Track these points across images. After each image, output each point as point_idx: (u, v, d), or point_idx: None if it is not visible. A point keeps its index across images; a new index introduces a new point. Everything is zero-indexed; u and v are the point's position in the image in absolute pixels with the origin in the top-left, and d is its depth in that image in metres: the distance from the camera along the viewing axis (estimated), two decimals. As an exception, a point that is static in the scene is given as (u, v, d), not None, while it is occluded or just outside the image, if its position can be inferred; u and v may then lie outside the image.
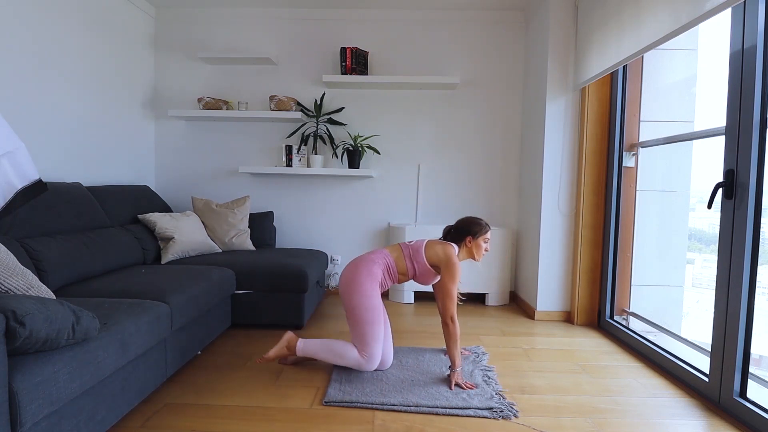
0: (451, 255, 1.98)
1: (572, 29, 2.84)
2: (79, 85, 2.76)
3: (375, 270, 1.98)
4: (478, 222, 2.08)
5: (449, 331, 1.92)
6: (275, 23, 3.48)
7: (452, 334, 1.92)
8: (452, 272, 1.95)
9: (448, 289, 1.94)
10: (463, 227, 2.08)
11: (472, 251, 2.06)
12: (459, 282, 1.97)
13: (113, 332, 1.43)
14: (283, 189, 3.58)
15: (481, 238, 2.06)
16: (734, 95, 1.71)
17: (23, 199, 1.42)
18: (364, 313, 1.93)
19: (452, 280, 1.95)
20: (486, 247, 2.08)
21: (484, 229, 2.06)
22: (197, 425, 1.59)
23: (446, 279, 1.96)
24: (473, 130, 3.50)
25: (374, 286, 1.97)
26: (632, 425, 1.64)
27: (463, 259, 2.08)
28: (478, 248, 2.06)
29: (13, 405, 1.06)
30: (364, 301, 1.93)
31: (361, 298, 1.93)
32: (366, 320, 1.93)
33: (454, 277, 1.95)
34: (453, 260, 1.97)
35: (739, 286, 1.68)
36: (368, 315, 1.93)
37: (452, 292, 1.94)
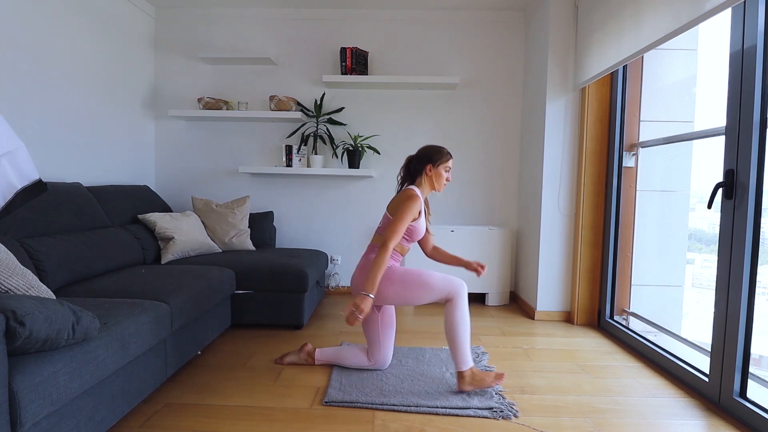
0: (408, 192, 1.88)
1: (572, 29, 2.84)
2: (79, 85, 2.76)
3: None
4: (439, 149, 1.98)
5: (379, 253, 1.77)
6: (275, 23, 3.48)
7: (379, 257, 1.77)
8: (404, 205, 1.83)
9: (393, 220, 1.82)
10: (423, 155, 1.98)
11: (433, 181, 1.97)
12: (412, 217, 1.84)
13: (113, 332, 1.43)
14: (283, 189, 3.58)
15: (442, 166, 1.96)
16: (734, 95, 1.71)
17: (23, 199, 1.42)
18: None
19: (399, 212, 1.82)
20: (447, 177, 1.98)
21: (445, 157, 1.96)
22: (197, 425, 1.59)
23: (396, 212, 1.85)
24: (473, 130, 3.50)
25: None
26: (632, 425, 1.64)
27: (427, 192, 2.00)
28: (438, 177, 1.96)
29: (13, 405, 1.06)
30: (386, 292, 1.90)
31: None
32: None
33: (403, 208, 1.82)
34: (409, 194, 1.87)
35: (739, 286, 1.68)
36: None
37: (395, 223, 1.81)
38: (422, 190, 1.98)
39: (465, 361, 1.83)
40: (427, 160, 1.97)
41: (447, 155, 1.98)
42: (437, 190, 2.01)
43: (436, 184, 1.98)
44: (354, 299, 1.74)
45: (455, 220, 3.54)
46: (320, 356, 2.11)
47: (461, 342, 1.83)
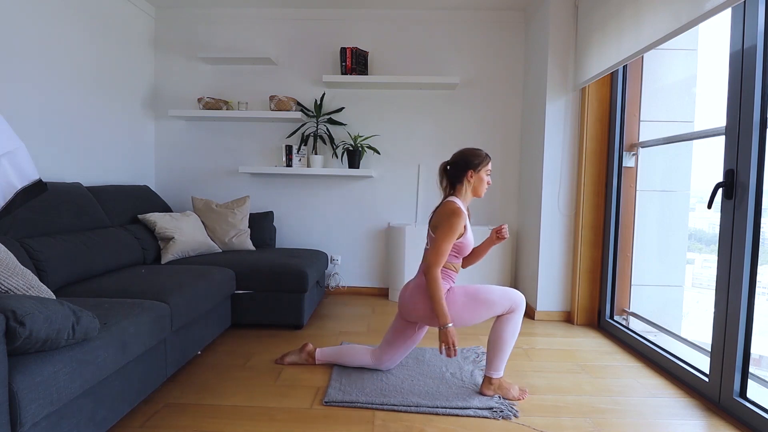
0: (451, 207, 1.76)
1: (572, 29, 2.84)
2: (79, 85, 2.76)
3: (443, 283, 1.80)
4: (476, 153, 1.84)
5: (428, 279, 1.71)
6: (275, 23, 3.48)
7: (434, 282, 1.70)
8: (447, 223, 1.72)
9: (437, 242, 1.73)
10: (461, 161, 1.84)
11: (476, 188, 1.85)
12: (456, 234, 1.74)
13: (113, 332, 1.43)
14: (283, 189, 3.58)
15: (483, 170, 1.84)
16: (734, 95, 1.71)
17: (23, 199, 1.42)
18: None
19: (443, 230, 1.73)
20: (488, 180, 1.86)
21: (485, 160, 1.84)
22: (197, 425, 1.59)
23: (439, 229, 1.75)
24: (473, 130, 3.50)
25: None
26: (632, 425, 1.64)
27: (468, 200, 1.87)
28: (480, 182, 1.84)
29: (13, 405, 1.06)
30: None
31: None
32: None
33: (446, 227, 1.72)
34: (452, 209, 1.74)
35: (739, 286, 1.68)
36: None
37: (439, 244, 1.72)
38: (464, 199, 1.85)
39: (500, 369, 1.82)
40: (465, 165, 1.83)
41: (486, 157, 1.85)
42: (480, 196, 1.88)
43: (479, 190, 1.86)
44: (440, 337, 1.71)
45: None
46: (321, 356, 2.11)
47: (506, 351, 1.81)
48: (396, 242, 3.36)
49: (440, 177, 1.92)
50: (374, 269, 3.60)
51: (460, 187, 1.85)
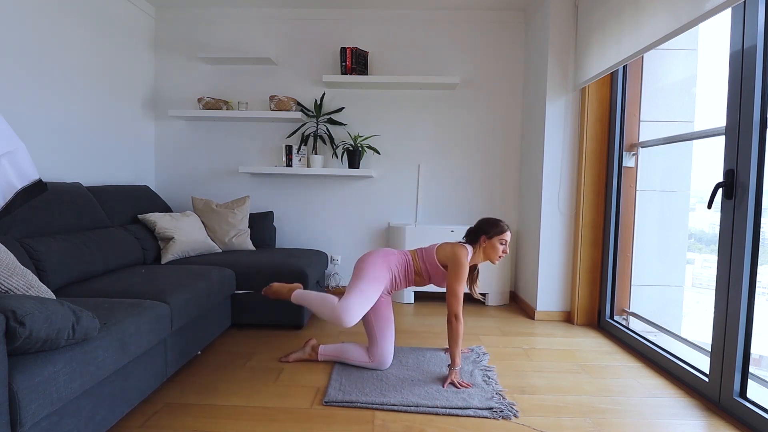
0: (459, 253, 1.98)
1: (572, 29, 2.84)
2: (79, 85, 2.76)
3: (391, 258, 2.08)
4: (495, 222, 2.06)
5: (452, 328, 1.94)
6: (275, 23, 3.48)
7: (454, 332, 1.93)
8: (456, 270, 1.96)
9: (452, 287, 1.95)
10: (479, 226, 2.08)
11: (488, 253, 2.05)
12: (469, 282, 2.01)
13: (113, 332, 1.43)
14: (283, 189, 3.58)
15: (497, 239, 2.03)
16: (734, 95, 1.71)
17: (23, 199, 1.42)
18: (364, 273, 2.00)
19: (456, 278, 1.95)
20: (504, 249, 2.05)
21: (500, 230, 2.03)
22: (197, 425, 1.59)
23: (450, 277, 1.98)
24: (473, 129, 3.50)
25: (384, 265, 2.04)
26: (632, 425, 1.64)
27: (480, 261, 2.09)
28: (493, 249, 2.03)
29: (13, 405, 1.06)
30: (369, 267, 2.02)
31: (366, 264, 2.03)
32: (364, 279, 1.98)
33: (458, 275, 1.95)
34: (459, 258, 1.97)
35: (739, 286, 1.68)
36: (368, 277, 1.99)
37: (456, 291, 1.94)
38: (475, 255, 2.07)
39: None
40: (481, 232, 2.06)
41: (503, 228, 2.04)
42: (492, 262, 2.09)
43: (491, 256, 2.05)
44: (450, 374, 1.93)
45: (455, 220, 3.54)
46: (323, 351, 2.14)
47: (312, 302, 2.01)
48: (396, 242, 3.36)
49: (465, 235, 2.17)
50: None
51: (476, 247, 2.08)
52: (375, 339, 2.06)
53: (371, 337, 2.07)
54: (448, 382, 1.90)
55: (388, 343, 2.06)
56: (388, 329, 2.07)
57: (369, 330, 2.08)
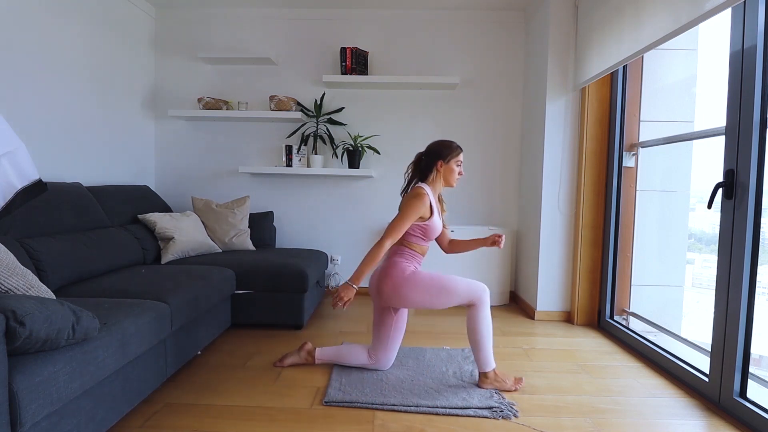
0: (416, 191, 1.88)
1: (572, 29, 2.84)
2: (79, 84, 2.76)
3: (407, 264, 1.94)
4: (447, 144, 1.96)
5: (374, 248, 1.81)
6: (275, 23, 3.48)
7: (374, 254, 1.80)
8: (408, 203, 1.84)
9: (395, 219, 1.84)
10: (432, 151, 1.96)
11: (446, 177, 1.95)
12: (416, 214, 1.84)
13: (113, 332, 1.43)
14: (283, 189, 3.58)
15: (453, 161, 1.94)
16: (734, 95, 1.71)
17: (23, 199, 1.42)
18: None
19: (402, 211, 1.84)
20: (459, 171, 1.96)
21: (455, 151, 1.95)
22: (197, 425, 1.59)
23: (400, 209, 1.87)
24: (473, 130, 3.50)
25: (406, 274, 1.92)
26: (632, 425, 1.64)
27: (440, 188, 1.99)
28: (450, 172, 1.94)
29: (13, 405, 1.06)
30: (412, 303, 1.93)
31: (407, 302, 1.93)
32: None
33: (406, 207, 1.83)
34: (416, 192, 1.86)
35: (739, 286, 1.68)
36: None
37: (396, 223, 1.82)
38: (434, 187, 1.96)
39: (487, 363, 1.90)
40: (436, 156, 1.95)
41: (457, 149, 1.96)
42: (451, 185, 1.99)
43: (450, 179, 1.96)
44: (339, 289, 1.79)
45: (455, 220, 3.54)
46: (320, 355, 2.11)
47: (484, 345, 1.89)
48: (396, 242, 3.35)
49: (411, 165, 2.03)
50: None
51: (431, 175, 1.96)
52: (385, 343, 2.01)
53: (382, 341, 2.02)
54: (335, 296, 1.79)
55: (396, 348, 2.05)
56: (401, 334, 2.05)
57: (383, 334, 2.01)
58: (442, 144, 1.97)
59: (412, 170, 2.03)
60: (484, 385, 1.90)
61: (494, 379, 1.90)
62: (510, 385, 1.89)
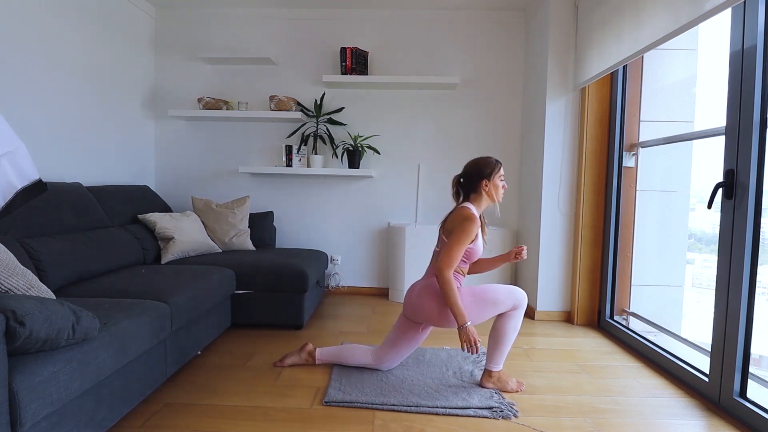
0: (464, 213, 1.80)
1: (572, 29, 2.84)
2: (79, 85, 2.76)
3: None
4: (486, 161, 1.88)
5: (443, 280, 1.73)
6: (275, 23, 3.48)
7: (447, 283, 1.72)
8: (461, 227, 1.76)
9: (449, 245, 1.76)
10: (474, 173, 1.87)
11: (492, 194, 1.87)
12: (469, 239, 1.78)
13: (113, 332, 1.43)
14: (283, 189, 3.58)
15: (497, 177, 1.87)
16: (734, 95, 1.71)
17: (23, 199, 1.42)
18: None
19: (456, 236, 1.75)
20: (503, 185, 1.90)
21: (496, 167, 1.87)
22: (197, 425, 1.59)
23: (452, 234, 1.78)
24: (473, 130, 3.50)
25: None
26: (632, 425, 1.64)
27: (485, 207, 1.91)
28: (496, 189, 1.87)
29: (13, 405, 1.06)
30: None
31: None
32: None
33: (460, 231, 1.75)
34: (465, 215, 1.78)
35: (739, 286, 1.68)
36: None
37: (451, 247, 1.74)
38: (478, 206, 1.88)
39: (500, 363, 1.90)
40: (479, 176, 1.86)
41: (497, 164, 1.89)
42: (498, 201, 1.91)
43: (495, 197, 1.88)
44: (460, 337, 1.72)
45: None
46: (321, 355, 2.11)
47: (507, 345, 1.89)
48: (396, 242, 3.36)
49: (454, 188, 1.95)
50: (374, 269, 3.60)
51: (475, 196, 1.89)
52: (397, 351, 1.99)
53: (395, 348, 1.99)
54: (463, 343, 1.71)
55: (403, 358, 2.05)
56: (414, 349, 2.06)
57: (399, 342, 1.98)
58: (482, 162, 1.89)
59: (455, 191, 1.95)
60: (486, 383, 1.89)
61: (498, 378, 1.89)
62: (512, 386, 1.88)
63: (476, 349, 1.71)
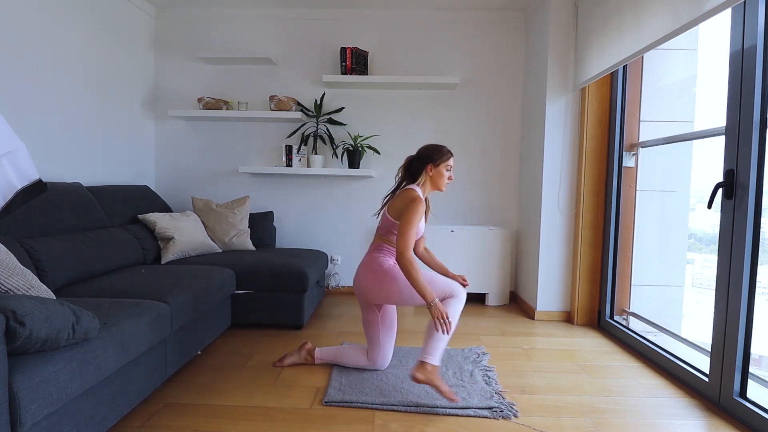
0: (411, 194, 1.85)
1: (572, 29, 2.84)
2: (79, 85, 2.76)
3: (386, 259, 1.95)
4: (438, 148, 1.95)
5: (405, 261, 1.73)
6: (275, 23, 3.48)
7: (409, 264, 1.73)
8: (410, 208, 1.79)
9: (402, 227, 1.77)
10: (423, 155, 1.95)
11: (436, 181, 1.94)
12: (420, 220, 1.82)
13: (113, 332, 1.43)
14: (283, 189, 3.58)
15: (443, 165, 1.93)
16: (734, 95, 1.71)
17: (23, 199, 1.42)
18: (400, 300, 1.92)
19: (408, 217, 1.78)
20: (449, 176, 1.96)
21: (445, 156, 1.94)
22: (197, 425, 1.59)
23: (403, 216, 1.80)
24: (473, 130, 3.50)
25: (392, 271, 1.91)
26: (632, 425, 1.64)
27: (429, 191, 1.97)
28: (440, 176, 1.93)
29: (13, 405, 1.06)
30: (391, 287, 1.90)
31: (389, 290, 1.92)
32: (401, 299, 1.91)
33: (411, 213, 1.78)
34: (412, 195, 1.83)
35: (739, 286, 1.68)
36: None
37: (405, 230, 1.76)
38: (423, 189, 1.95)
39: (434, 355, 1.76)
40: (427, 159, 1.94)
41: (447, 154, 1.95)
42: (440, 190, 1.98)
43: (439, 184, 1.96)
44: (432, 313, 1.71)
45: (455, 220, 3.54)
46: (320, 355, 2.11)
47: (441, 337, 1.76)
48: (396, 242, 3.35)
49: (401, 168, 2.02)
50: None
51: (420, 178, 1.96)
52: (378, 343, 2.02)
53: (373, 341, 2.03)
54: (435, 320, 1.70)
55: (390, 347, 2.05)
56: (392, 333, 2.06)
57: (372, 333, 2.04)
58: (433, 148, 1.96)
59: (402, 173, 2.02)
60: (418, 375, 1.73)
61: (432, 373, 1.74)
62: (445, 389, 1.74)
63: (448, 324, 1.70)
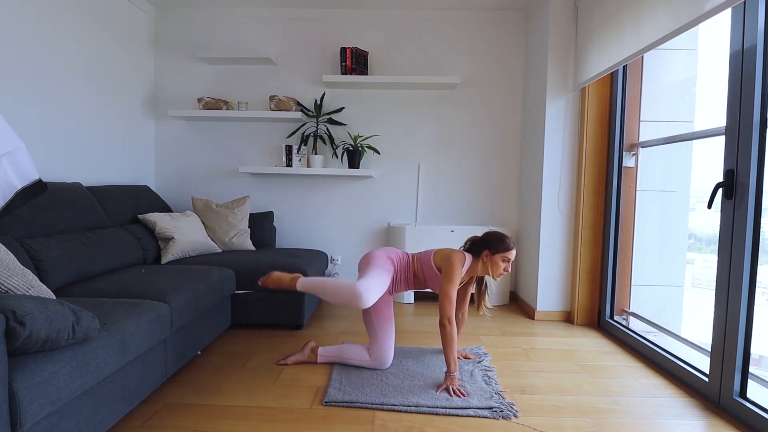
0: (453, 258, 1.96)
1: (572, 29, 2.84)
2: (79, 85, 2.76)
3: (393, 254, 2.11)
4: (501, 238, 1.98)
5: (444, 332, 1.88)
6: (275, 23, 3.48)
7: (447, 336, 1.87)
8: (449, 273, 1.93)
9: (444, 290, 1.92)
10: (483, 240, 2.03)
11: (489, 267, 1.99)
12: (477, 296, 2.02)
13: (113, 332, 1.43)
14: (283, 189, 3.58)
15: (499, 256, 1.96)
16: (734, 95, 1.71)
17: (23, 199, 1.42)
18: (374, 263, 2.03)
19: (448, 281, 1.92)
20: (505, 267, 1.98)
21: (504, 247, 1.96)
22: (197, 425, 1.59)
23: (443, 279, 1.95)
24: (473, 130, 3.50)
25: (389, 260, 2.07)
26: (632, 425, 1.64)
27: (478, 273, 2.05)
28: (494, 266, 1.97)
29: (13, 405, 1.06)
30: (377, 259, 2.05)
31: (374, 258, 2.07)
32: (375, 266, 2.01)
33: (451, 278, 1.92)
34: (452, 261, 1.95)
35: (739, 286, 1.68)
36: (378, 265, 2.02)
37: (448, 293, 1.90)
38: (473, 266, 2.03)
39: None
40: (485, 246, 2.00)
41: (507, 245, 1.97)
42: (493, 278, 2.03)
43: (491, 272, 2.00)
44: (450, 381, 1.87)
45: (455, 220, 3.54)
46: (323, 353, 2.13)
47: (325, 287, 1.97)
48: (396, 242, 3.36)
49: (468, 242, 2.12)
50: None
51: (476, 258, 2.04)
52: (376, 337, 2.06)
53: (372, 336, 2.07)
54: (442, 388, 1.85)
55: (389, 342, 2.06)
56: (389, 328, 2.08)
57: (370, 329, 2.09)
58: (496, 237, 2.00)
59: (469, 245, 2.10)
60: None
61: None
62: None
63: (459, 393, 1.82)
